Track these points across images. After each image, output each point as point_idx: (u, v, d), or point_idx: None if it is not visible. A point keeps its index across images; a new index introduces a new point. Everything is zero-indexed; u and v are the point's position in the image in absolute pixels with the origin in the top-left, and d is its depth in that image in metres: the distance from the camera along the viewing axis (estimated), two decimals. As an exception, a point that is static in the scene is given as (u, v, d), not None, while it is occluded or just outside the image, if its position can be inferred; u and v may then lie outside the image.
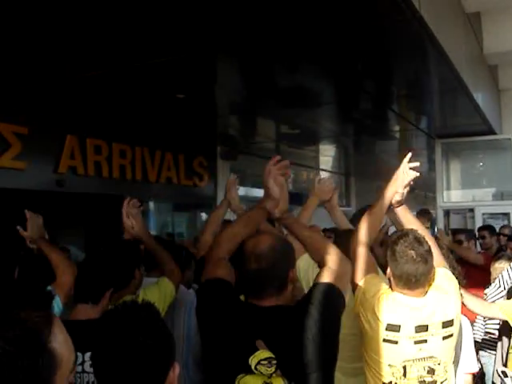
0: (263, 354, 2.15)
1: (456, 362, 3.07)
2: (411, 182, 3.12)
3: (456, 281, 3.03)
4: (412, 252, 2.76)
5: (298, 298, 2.41)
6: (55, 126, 7.17)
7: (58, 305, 3.24)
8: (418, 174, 3.10)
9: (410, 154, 3.13)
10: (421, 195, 18.21)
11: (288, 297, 2.36)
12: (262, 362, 2.14)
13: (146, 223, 9.36)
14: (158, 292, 3.41)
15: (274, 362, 2.13)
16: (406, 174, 3.09)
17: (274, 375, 2.14)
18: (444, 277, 2.97)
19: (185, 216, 9.65)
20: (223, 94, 7.16)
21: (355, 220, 3.74)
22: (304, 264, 3.41)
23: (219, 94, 7.17)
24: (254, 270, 2.27)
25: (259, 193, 12.92)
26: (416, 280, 2.77)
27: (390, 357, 2.72)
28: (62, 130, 7.31)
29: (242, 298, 2.45)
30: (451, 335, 2.81)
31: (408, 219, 3.26)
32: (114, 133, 7.99)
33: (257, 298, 2.29)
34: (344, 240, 3.27)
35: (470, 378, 3.38)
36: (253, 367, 2.14)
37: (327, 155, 12.92)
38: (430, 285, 2.89)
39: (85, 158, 7.59)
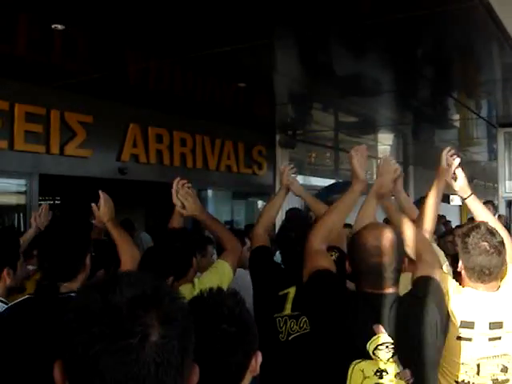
0: (381, 338, 2.20)
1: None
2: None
3: None
4: (485, 244, 2.70)
5: None
6: (118, 115, 7.34)
7: None
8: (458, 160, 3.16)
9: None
10: (480, 185, 17.86)
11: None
12: (380, 348, 2.19)
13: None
14: (215, 276, 3.43)
15: (392, 346, 2.19)
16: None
17: (390, 360, 2.19)
18: None
19: (243, 204, 9.74)
20: (282, 82, 7.18)
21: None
22: None
23: (278, 82, 7.19)
24: (376, 263, 2.30)
25: (317, 181, 12.89)
26: (490, 272, 2.71)
27: (464, 355, 2.67)
28: (124, 119, 7.47)
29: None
30: None
31: (478, 211, 3.18)
32: (175, 121, 8.12)
33: (375, 287, 2.33)
34: None
35: None
36: (370, 352, 2.19)
37: (385, 144, 12.77)
38: (502, 279, 2.82)
39: (147, 146, 7.74)
